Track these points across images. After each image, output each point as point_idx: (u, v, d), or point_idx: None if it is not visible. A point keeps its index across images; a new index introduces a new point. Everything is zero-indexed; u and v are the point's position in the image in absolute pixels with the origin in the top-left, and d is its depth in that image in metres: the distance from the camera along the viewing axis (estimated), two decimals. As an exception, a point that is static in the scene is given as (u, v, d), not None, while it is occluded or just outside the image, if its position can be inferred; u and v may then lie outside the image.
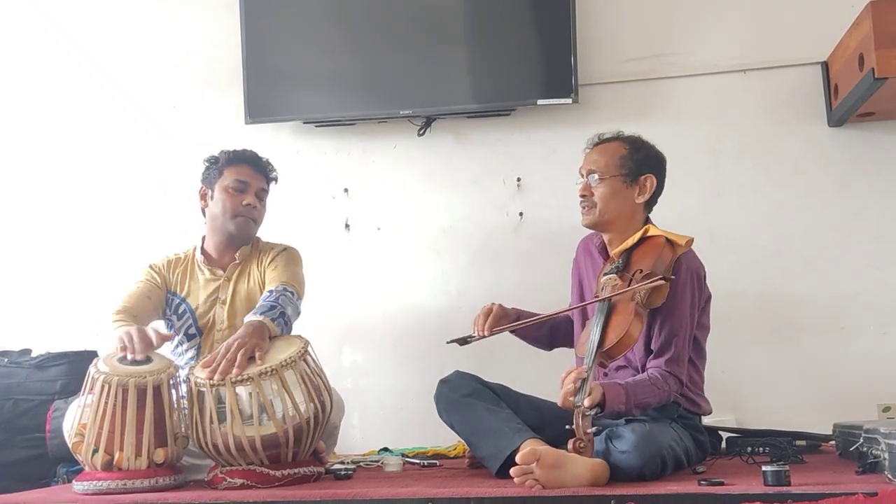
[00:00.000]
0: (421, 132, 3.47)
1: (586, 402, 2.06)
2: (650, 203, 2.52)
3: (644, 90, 3.37)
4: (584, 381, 2.11)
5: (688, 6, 3.37)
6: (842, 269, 3.19)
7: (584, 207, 2.50)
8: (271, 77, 3.50)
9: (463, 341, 2.49)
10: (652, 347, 2.35)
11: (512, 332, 2.60)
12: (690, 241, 2.35)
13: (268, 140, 3.52)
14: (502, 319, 2.52)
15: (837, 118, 3.17)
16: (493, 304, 2.55)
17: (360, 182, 3.54)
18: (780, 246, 3.24)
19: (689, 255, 2.40)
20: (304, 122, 3.53)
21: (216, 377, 2.27)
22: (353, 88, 3.45)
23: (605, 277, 2.39)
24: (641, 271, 2.29)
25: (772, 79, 3.29)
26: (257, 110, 3.48)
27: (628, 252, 2.41)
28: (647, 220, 2.52)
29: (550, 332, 2.72)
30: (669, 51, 3.37)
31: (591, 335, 2.26)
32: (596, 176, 2.48)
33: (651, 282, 2.23)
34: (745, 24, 3.32)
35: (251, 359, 2.33)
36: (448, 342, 2.52)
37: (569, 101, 3.28)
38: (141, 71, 3.70)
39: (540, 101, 3.31)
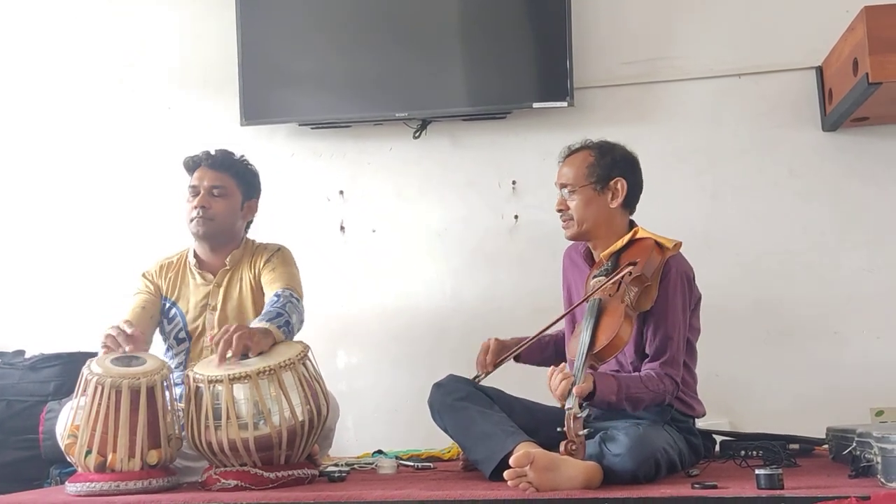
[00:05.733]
0: (416, 135, 3.47)
1: (576, 391, 2.09)
2: (628, 204, 2.52)
3: (639, 94, 3.38)
4: (573, 386, 2.12)
5: (683, 10, 3.38)
6: (835, 272, 3.20)
7: (563, 221, 2.53)
8: (267, 79, 3.49)
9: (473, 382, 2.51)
10: (647, 352, 2.35)
11: (517, 360, 2.62)
12: (679, 244, 2.37)
13: (263, 142, 3.52)
14: (501, 351, 2.56)
15: (832, 123, 3.18)
16: (489, 339, 2.58)
17: (355, 184, 3.54)
18: (774, 249, 3.24)
19: (678, 257, 2.41)
20: (300, 125, 3.53)
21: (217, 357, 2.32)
22: (349, 91, 3.45)
23: (594, 280, 2.40)
24: (631, 273, 2.30)
25: (766, 83, 3.30)
26: (253, 112, 3.48)
27: (617, 254, 2.42)
28: (632, 224, 2.52)
29: (556, 352, 2.70)
30: (665, 55, 3.37)
31: (580, 337, 2.27)
32: (567, 189, 2.51)
33: (638, 273, 2.26)
34: (740, 29, 3.33)
35: (245, 357, 2.34)
36: None
37: (564, 104, 3.28)
38: (135, 71, 3.69)
39: (535, 104, 3.32)
